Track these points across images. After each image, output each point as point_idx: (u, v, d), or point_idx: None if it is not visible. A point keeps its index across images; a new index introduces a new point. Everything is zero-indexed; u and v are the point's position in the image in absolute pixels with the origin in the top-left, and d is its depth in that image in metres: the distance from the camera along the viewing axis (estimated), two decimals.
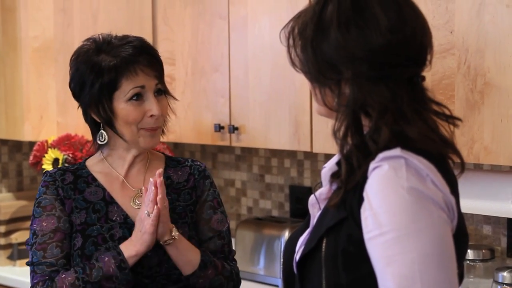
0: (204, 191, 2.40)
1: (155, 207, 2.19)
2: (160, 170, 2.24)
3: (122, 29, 3.63)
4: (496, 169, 2.82)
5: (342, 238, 1.65)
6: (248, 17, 3.27)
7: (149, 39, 3.59)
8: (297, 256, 1.77)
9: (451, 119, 1.72)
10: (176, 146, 4.11)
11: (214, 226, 2.38)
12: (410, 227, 1.56)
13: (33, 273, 2.25)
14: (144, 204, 2.23)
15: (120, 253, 2.21)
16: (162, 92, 2.32)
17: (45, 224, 2.26)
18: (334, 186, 1.72)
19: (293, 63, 1.74)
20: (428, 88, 1.72)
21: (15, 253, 3.80)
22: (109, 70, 2.25)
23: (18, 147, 4.09)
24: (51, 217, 2.26)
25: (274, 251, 3.41)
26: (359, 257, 1.62)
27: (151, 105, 2.27)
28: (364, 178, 1.63)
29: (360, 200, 1.62)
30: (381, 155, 1.62)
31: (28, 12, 3.60)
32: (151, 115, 2.27)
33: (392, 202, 1.57)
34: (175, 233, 2.24)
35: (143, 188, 2.29)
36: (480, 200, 2.65)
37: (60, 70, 3.63)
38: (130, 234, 2.25)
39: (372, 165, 1.62)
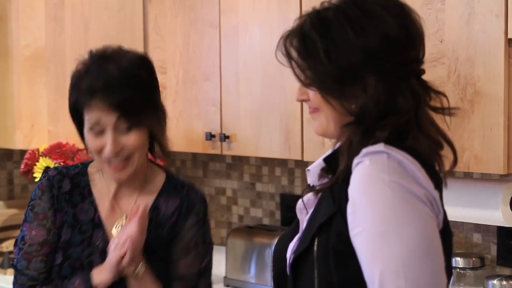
0: (184, 229, 2.27)
1: (129, 239, 2.13)
2: (146, 204, 2.18)
3: (113, 38, 3.64)
4: (486, 178, 2.83)
5: (332, 236, 1.66)
6: (239, 26, 3.27)
7: (140, 48, 3.62)
8: (290, 259, 1.77)
9: (447, 110, 1.75)
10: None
11: (179, 268, 2.27)
12: (393, 221, 1.56)
13: (15, 278, 2.26)
14: (122, 233, 2.16)
15: (89, 279, 2.18)
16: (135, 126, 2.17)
17: (34, 233, 2.24)
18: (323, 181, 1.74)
19: (302, 81, 1.73)
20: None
21: (6, 262, 3.79)
22: (78, 93, 2.18)
23: (9, 156, 4.08)
24: (41, 227, 2.25)
25: (265, 259, 3.42)
26: (349, 254, 1.62)
27: (106, 143, 2.16)
28: (349, 174, 1.64)
29: (347, 196, 1.63)
30: (364, 151, 1.63)
31: (20, 21, 3.60)
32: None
33: (373, 197, 1.58)
34: (141, 268, 2.17)
35: (129, 213, 2.22)
36: (470, 209, 2.66)
37: (52, 79, 3.64)
38: None
39: (355, 160, 1.63)
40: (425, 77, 1.77)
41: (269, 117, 3.19)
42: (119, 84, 2.13)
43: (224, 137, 3.34)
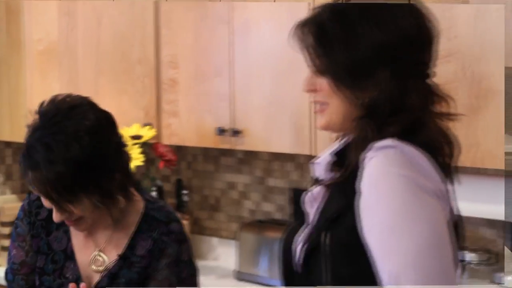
0: (157, 270, 2.16)
1: None
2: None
3: (125, 32, 3.65)
4: (499, 173, 2.83)
5: (343, 231, 1.66)
6: (250, 22, 3.28)
7: (151, 42, 3.63)
8: (301, 254, 1.77)
9: (449, 116, 1.74)
10: (178, 149, 4.12)
11: None
12: (403, 216, 1.56)
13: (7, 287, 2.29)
14: None
15: None
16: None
17: (15, 252, 2.25)
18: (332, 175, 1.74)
19: (317, 70, 1.72)
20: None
21: None
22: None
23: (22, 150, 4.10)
24: (21, 249, 2.24)
25: (276, 253, 3.42)
26: (360, 249, 1.62)
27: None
28: (360, 168, 1.64)
29: (358, 190, 1.63)
30: (373, 145, 1.63)
31: (32, 15, 3.61)
32: None
33: (384, 191, 1.58)
34: None
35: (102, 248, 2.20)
36: (482, 204, 2.67)
37: (64, 73, 3.65)
38: None
39: (365, 155, 1.63)
40: (437, 72, 1.77)
41: (279, 112, 3.20)
42: (45, 170, 1.99)
43: (235, 132, 3.34)
